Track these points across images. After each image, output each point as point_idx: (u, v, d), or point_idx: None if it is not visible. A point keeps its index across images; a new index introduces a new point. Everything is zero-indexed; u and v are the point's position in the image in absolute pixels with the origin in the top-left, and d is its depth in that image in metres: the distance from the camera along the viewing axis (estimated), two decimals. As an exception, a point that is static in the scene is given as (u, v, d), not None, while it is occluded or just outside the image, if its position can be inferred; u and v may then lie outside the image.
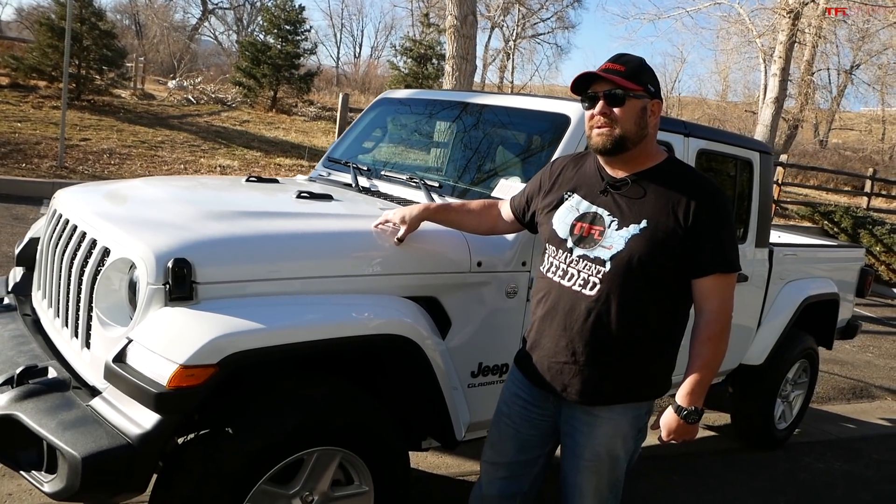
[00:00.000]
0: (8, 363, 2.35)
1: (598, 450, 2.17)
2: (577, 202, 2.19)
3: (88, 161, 10.44)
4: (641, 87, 2.05)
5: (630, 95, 2.04)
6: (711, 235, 2.05)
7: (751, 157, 3.86)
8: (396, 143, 4.01)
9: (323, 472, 2.28)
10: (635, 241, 2.04)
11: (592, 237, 2.11)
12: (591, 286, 2.08)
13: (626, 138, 2.06)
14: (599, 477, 2.21)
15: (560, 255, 2.18)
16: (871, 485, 4.42)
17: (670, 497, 3.82)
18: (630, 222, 2.07)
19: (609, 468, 2.20)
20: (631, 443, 2.22)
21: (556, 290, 2.17)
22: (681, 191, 2.07)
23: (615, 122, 2.05)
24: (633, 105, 2.05)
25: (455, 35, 9.43)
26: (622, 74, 2.04)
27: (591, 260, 2.09)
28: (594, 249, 2.09)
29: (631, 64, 2.07)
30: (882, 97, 32.23)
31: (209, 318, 2.01)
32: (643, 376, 2.16)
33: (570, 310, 2.12)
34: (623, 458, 2.22)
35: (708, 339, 2.07)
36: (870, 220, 12.97)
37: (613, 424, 2.16)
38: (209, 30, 43.65)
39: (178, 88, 19.47)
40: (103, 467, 1.87)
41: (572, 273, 2.13)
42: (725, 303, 2.08)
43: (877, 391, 6.53)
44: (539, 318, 2.22)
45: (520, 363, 2.32)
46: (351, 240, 2.48)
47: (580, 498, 2.24)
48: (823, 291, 4.63)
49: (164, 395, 1.89)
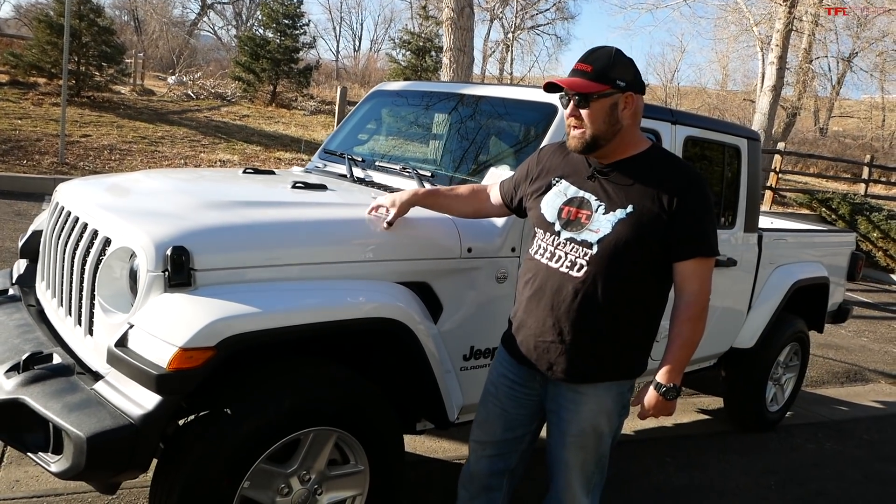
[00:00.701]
0: (14, 350, 2.43)
1: (584, 426, 2.26)
2: (564, 187, 2.27)
3: (89, 157, 10.52)
4: (608, 86, 2.09)
5: (594, 97, 2.10)
6: (693, 221, 2.13)
7: (738, 144, 3.93)
8: (390, 135, 4.08)
9: (319, 451, 2.36)
10: (622, 224, 2.12)
11: (580, 221, 2.18)
12: (578, 268, 2.16)
13: (597, 137, 2.13)
14: (585, 452, 2.29)
15: (548, 238, 2.25)
16: (861, 464, 4.50)
17: (663, 478, 3.90)
18: (617, 207, 2.14)
19: (594, 444, 2.29)
20: (615, 419, 2.30)
21: (544, 271, 2.24)
22: (665, 178, 2.15)
23: (583, 123, 2.13)
24: (599, 105, 2.11)
25: (452, 27, 9.49)
26: (587, 76, 2.10)
27: (578, 243, 2.17)
28: (581, 233, 2.17)
29: (599, 62, 2.11)
30: (881, 84, 32.16)
31: (207, 303, 2.09)
32: (626, 355, 2.24)
33: (557, 290, 2.19)
34: (608, 434, 2.30)
35: (688, 320, 2.15)
36: (867, 207, 13.02)
37: (598, 401, 2.24)
38: (208, 25, 43.72)
39: (177, 84, 19.52)
40: (107, 446, 1.95)
41: (560, 255, 2.21)
42: (705, 285, 2.17)
43: (871, 374, 6.62)
44: (526, 299, 2.29)
45: (506, 343, 2.40)
46: (345, 227, 2.56)
47: (567, 473, 2.32)
48: (813, 275, 4.70)
49: (165, 377, 1.97)
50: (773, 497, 3.88)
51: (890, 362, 7.12)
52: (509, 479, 2.52)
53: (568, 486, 2.32)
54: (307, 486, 2.38)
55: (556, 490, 2.37)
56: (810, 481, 4.15)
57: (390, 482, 2.57)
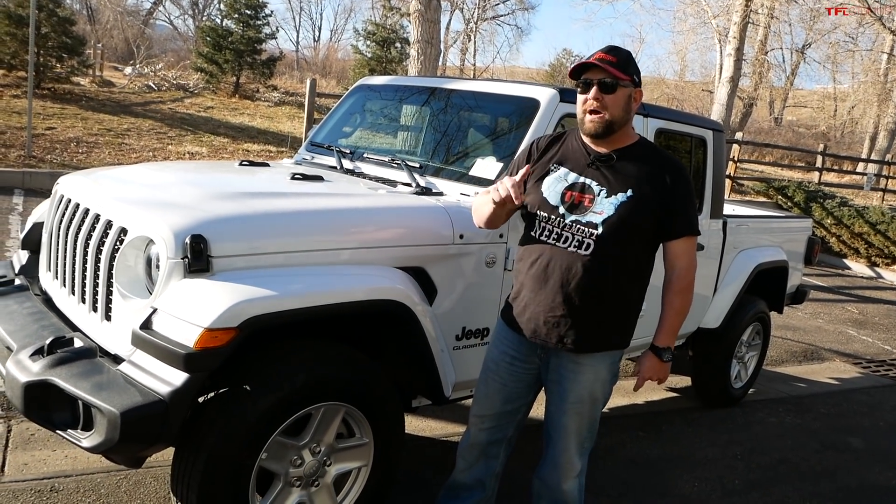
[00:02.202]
0: (34, 336, 2.55)
1: (582, 393, 2.50)
2: (564, 174, 2.48)
3: (56, 150, 10.43)
4: (629, 77, 2.36)
5: (620, 84, 2.35)
6: (682, 204, 2.42)
7: (704, 135, 4.17)
8: (375, 128, 4.24)
9: (328, 425, 2.54)
10: (623, 207, 2.37)
11: (583, 204, 2.41)
12: (585, 247, 2.38)
13: (613, 123, 2.38)
14: (581, 417, 2.53)
15: (553, 220, 2.45)
16: (818, 434, 4.81)
17: (637, 450, 4.15)
18: (618, 191, 2.39)
19: (589, 409, 2.53)
20: (608, 386, 2.56)
21: (550, 251, 2.44)
22: (656, 166, 2.42)
23: (606, 108, 2.36)
24: (622, 93, 2.36)
25: (420, 19, 9.61)
26: (614, 65, 2.34)
27: (584, 224, 2.39)
28: (586, 215, 2.39)
29: (621, 56, 2.37)
30: (833, 75, 33.11)
31: (227, 287, 2.25)
32: (626, 327, 2.52)
33: (567, 268, 2.40)
34: (601, 401, 2.55)
35: (680, 291, 2.46)
36: (821, 195, 13.49)
37: (595, 370, 2.49)
38: (164, 14, 42.96)
39: (136, 75, 19.29)
40: (139, 421, 2.09)
41: (567, 236, 2.41)
42: (692, 260, 2.47)
43: (826, 353, 6.97)
44: (532, 278, 2.47)
45: (509, 322, 2.58)
46: (347, 216, 2.72)
47: (565, 437, 2.56)
48: (774, 259, 4.99)
49: (192, 355, 2.13)
50: (740, 465, 4.15)
51: (844, 342, 7.50)
52: (505, 448, 2.76)
53: (565, 449, 2.56)
54: (317, 458, 2.55)
55: (553, 454, 2.60)
56: (773, 451, 4.43)
57: (391, 454, 2.76)
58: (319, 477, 2.58)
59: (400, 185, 3.30)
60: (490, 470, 2.78)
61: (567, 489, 2.62)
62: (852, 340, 7.62)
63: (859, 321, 8.56)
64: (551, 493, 2.65)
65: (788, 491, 3.92)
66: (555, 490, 2.63)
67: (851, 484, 4.13)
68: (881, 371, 6.67)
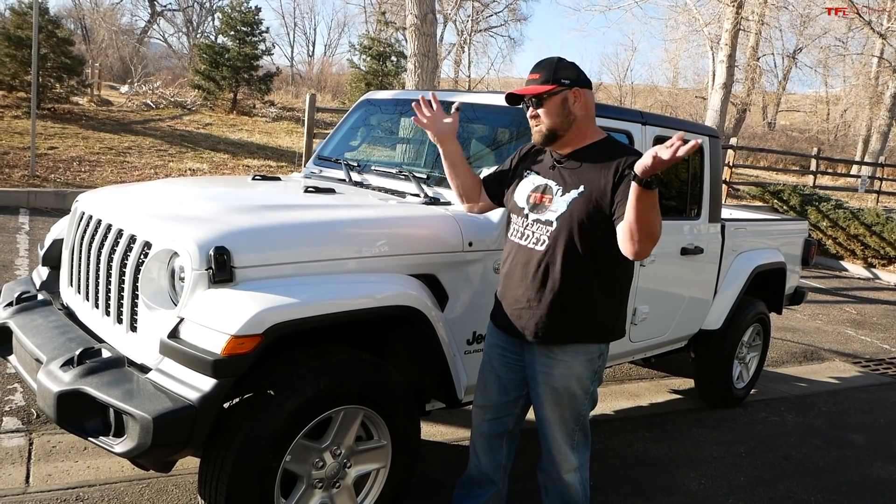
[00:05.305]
0: (62, 348, 2.64)
1: (555, 386, 2.63)
2: (533, 178, 2.71)
3: (59, 169, 10.54)
4: (555, 86, 2.53)
5: (545, 97, 2.55)
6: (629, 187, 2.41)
7: (701, 142, 4.28)
8: (380, 141, 4.35)
9: (348, 428, 2.63)
10: (575, 203, 2.53)
11: (544, 204, 2.61)
12: (541, 243, 2.58)
13: (554, 129, 2.58)
14: (561, 409, 2.66)
15: (520, 221, 2.68)
16: (820, 432, 4.91)
17: (643, 450, 4.24)
18: (571, 188, 2.56)
19: (568, 402, 2.65)
20: (586, 382, 2.65)
21: (516, 249, 2.67)
22: (611, 157, 2.55)
23: (541, 119, 2.57)
24: (552, 103, 2.55)
25: (416, 33, 9.75)
26: (536, 82, 2.57)
27: (542, 222, 2.59)
28: (545, 213, 2.59)
29: (544, 70, 2.57)
30: (825, 79, 33.40)
31: (251, 296, 2.34)
32: (589, 320, 2.59)
33: (525, 263, 2.62)
34: (581, 396, 2.66)
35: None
36: (816, 198, 13.62)
37: (567, 366, 2.61)
38: (158, 32, 43.16)
39: (133, 93, 19.42)
40: (170, 426, 2.18)
41: (528, 234, 2.63)
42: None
43: (826, 353, 7.07)
44: (504, 275, 2.73)
45: (493, 316, 2.81)
46: (361, 226, 2.83)
47: (550, 427, 2.71)
48: (772, 261, 5.10)
49: (220, 362, 2.22)
50: (745, 463, 4.24)
51: (843, 342, 7.60)
52: (507, 441, 2.90)
53: (553, 438, 2.71)
54: (338, 460, 2.64)
55: (546, 446, 2.76)
56: (776, 448, 4.52)
57: (408, 456, 2.85)
58: (340, 479, 2.67)
59: (409, 196, 3.40)
60: (496, 462, 2.91)
61: (569, 481, 2.74)
62: (851, 340, 7.72)
63: (857, 321, 8.67)
64: (555, 484, 2.78)
65: (793, 486, 4.01)
66: (557, 482, 2.76)
67: (854, 478, 4.22)
68: (880, 369, 6.78)
